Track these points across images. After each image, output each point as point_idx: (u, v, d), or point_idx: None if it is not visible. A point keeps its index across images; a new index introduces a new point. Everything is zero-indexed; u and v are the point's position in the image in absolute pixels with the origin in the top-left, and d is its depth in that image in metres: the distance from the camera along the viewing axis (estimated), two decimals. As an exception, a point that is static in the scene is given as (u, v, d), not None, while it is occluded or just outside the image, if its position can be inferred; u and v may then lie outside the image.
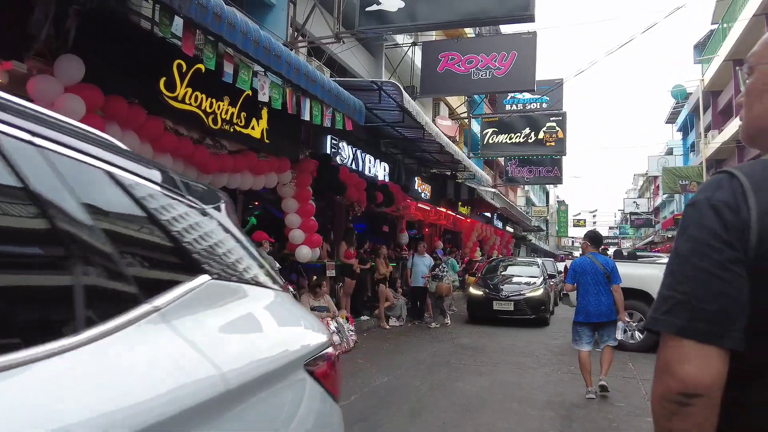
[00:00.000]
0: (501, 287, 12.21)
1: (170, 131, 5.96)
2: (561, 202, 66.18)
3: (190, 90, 6.08)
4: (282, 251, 8.85)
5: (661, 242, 36.70)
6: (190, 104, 6.13)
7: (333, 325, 8.07)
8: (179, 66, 5.88)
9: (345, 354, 8.02)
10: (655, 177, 50.67)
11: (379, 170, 11.76)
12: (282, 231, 9.28)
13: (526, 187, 41.02)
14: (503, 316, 11.72)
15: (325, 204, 11.26)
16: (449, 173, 16.82)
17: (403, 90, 8.19)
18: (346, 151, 10.34)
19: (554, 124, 17.90)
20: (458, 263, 15.45)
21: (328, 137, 9.74)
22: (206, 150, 6.42)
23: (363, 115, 8.00)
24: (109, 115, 5.14)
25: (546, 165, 24.85)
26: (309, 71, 6.46)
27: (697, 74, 34.26)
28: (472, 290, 12.44)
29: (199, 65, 6.01)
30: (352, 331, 8.63)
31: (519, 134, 17.84)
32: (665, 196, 43.02)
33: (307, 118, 6.74)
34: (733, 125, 21.54)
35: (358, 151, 10.86)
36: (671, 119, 40.87)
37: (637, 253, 13.82)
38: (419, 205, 14.96)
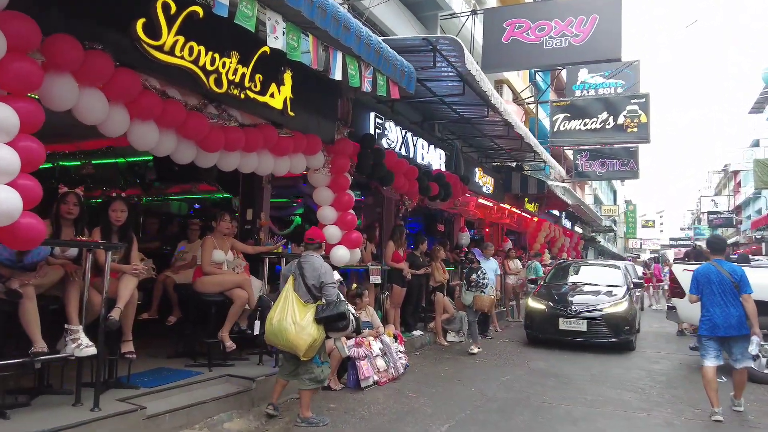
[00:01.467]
0: (570, 299, 9.35)
1: (153, 91, 4.46)
2: (628, 202, 62.19)
3: (181, 39, 4.53)
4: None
5: (747, 243, 33.03)
6: (182, 57, 4.59)
7: (377, 346, 6.39)
8: (165, 5, 4.36)
9: (392, 383, 6.33)
10: (736, 172, 46.41)
11: (434, 158, 10.01)
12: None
13: (594, 185, 38.12)
14: (572, 338, 8.95)
15: (369, 197, 9.63)
16: (514, 164, 14.86)
17: (464, 48, 6.42)
18: (394, 133, 8.66)
19: (636, 107, 15.55)
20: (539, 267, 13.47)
21: (372, 115, 8.09)
22: (204, 119, 4.89)
23: (413, 81, 6.29)
24: (54, 61, 3.66)
25: (621, 157, 22.25)
26: (340, 14, 4.82)
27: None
28: (531, 303, 9.76)
29: (195, 7, 4.50)
30: (401, 352, 6.93)
31: (595, 119, 15.60)
32: (752, 193, 39.06)
33: (338, 76, 5.10)
34: None
35: (409, 135, 9.15)
36: (757, 108, 36.94)
37: (750, 258, 11.43)
38: (480, 200, 13.09)
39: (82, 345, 3.88)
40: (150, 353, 5.77)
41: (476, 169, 12.63)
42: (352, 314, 5.00)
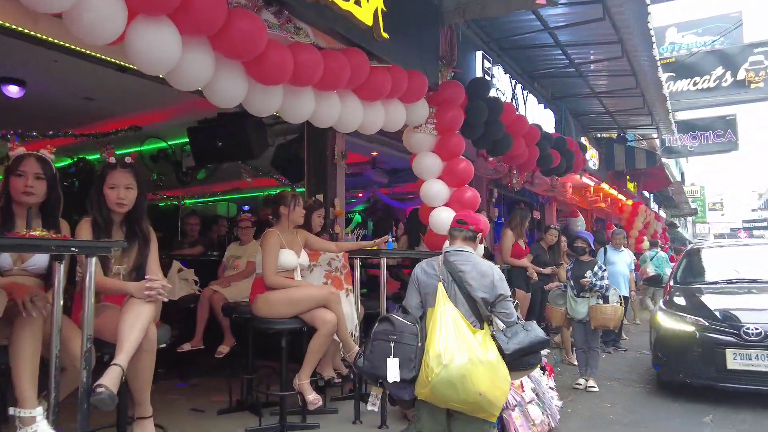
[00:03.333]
0: (740, 313, 5.26)
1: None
2: (693, 183, 57.70)
3: None
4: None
5: None
6: None
7: (528, 387, 4.22)
8: None
9: (551, 439, 4.17)
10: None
11: (544, 120, 7.74)
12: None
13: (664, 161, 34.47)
14: (756, 385, 4.97)
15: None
16: (617, 135, 12.41)
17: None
18: (504, 82, 6.46)
19: (761, 57, 12.83)
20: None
21: (478, 55, 5.93)
22: (257, 19, 2.85)
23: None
24: None
25: (717, 128, 19.33)
26: None
27: None
28: (666, 321, 5.65)
29: None
30: (551, 389, 4.74)
31: (707, 77, 12.97)
32: None
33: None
34: None
35: (519, 86, 6.93)
36: None
37: None
38: (584, 178, 10.72)
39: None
40: (193, 406, 3.83)
41: (581, 138, 10.27)
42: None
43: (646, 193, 19.36)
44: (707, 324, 5.21)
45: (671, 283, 6.67)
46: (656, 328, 5.80)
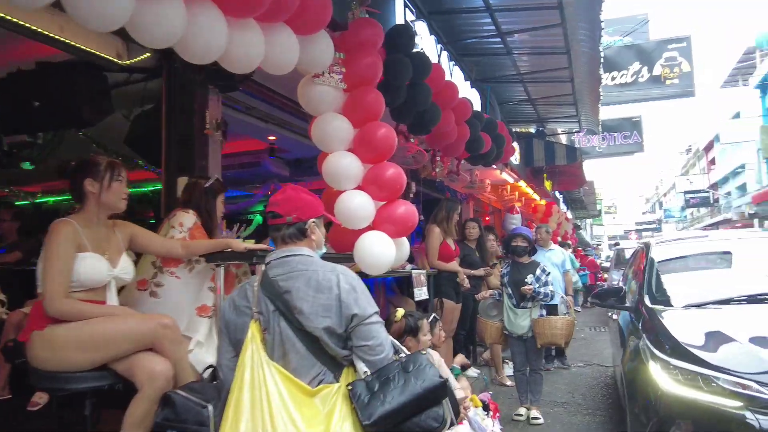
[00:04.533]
0: None
1: None
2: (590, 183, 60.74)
3: None
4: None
5: (738, 220, 31.26)
6: None
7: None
8: None
9: None
10: (707, 150, 45.22)
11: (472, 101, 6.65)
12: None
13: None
14: None
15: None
16: (535, 130, 11.75)
17: None
18: (429, 44, 5.26)
19: (675, 53, 12.70)
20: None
21: (398, 3, 4.67)
22: None
23: None
24: None
25: (624, 129, 19.65)
26: None
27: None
28: (673, 385, 2.69)
29: None
30: (499, 434, 3.54)
31: (625, 72, 12.66)
32: (732, 170, 37.72)
33: None
34: None
35: (445, 54, 5.77)
36: (731, 83, 35.35)
37: None
38: (504, 174, 9.83)
39: None
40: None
41: (504, 130, 9.38)
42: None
43: (557, 194, 19.25)
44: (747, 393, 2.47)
45: (646, 303, 3.58)
46: (648, 396, 2.86)
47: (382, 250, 3.10)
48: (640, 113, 20.32)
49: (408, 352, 2.08)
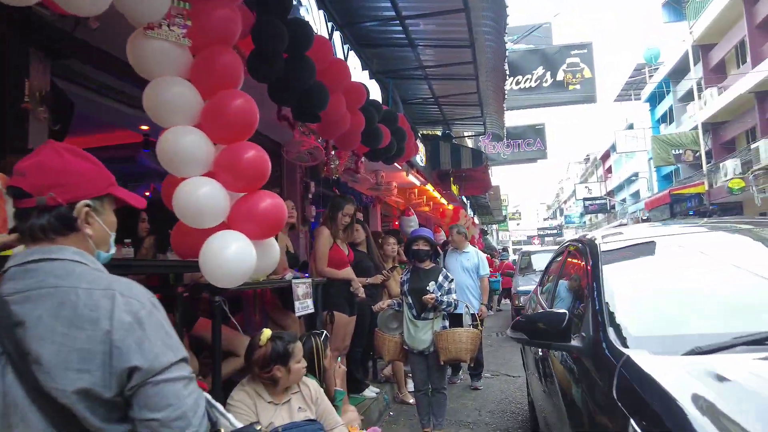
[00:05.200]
0: None
1: None
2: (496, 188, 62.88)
3: None
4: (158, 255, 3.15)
5: (635, 224, 33.25)
6: None
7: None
8: None
9: None
10: (604, 159, 48.08)
11: (369, 85, 6.07)
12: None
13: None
14: None
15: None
16: (441, 132, 11.45)
17: None
18: (318, 20, 4.60)
19: (577, 59, 12.91)
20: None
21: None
22: None
23: None
24: None
25: (528, 137, 20.09)
26: None
27: (671, 34, 31.36)
28: None
29: None
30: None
31: (530, 76, 12.69)
32: (627, 177, 40.26)
33: None
34: (753, 76, 17.63)
35: (337, 35, 5.14)
36: (623, 96, 37.70)
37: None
38: (411, 176, 9.37)
39: None
40: None
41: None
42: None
43: (464, 199, 19.26)
44: None
45: (616, 347, 1.92)
46: None
47: (236, 256, 2.38)
48: (544, 121, 20.86)
49: (235, 423, 1.38)
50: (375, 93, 6.47)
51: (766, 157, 15.42)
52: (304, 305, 3.65)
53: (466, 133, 12.01)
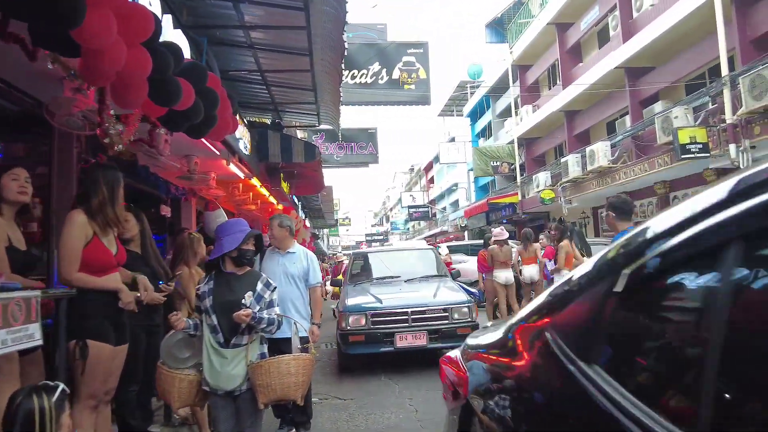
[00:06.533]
0: None
1: None
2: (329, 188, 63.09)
3: None
4: None
5: (453, 231, 34.99)
6: None
7: None
8: None
9: None
10: (428, 170, 50.45)
11: (177, 42, 4.61)
12: None
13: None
14: None
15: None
16: (270, 121, 10.19)
17: None
18: None
19: (413, 58, 12.51)
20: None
21: None
22: None
23: None
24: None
25: (360, 140, 19.69)
26: None
27: (493, 53, 33.72)
28: None
29: None
30: None
31: (366, 71, 11.98)
32: (448, 187, 42.39)
33: None
34: (563, 96, 19.26)
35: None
36: (446, 112, 39.81)
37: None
38: (233, 166, 7.94)
39: None
40: None
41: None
42: None
43: (295, 199, 18.16)
44: None
45: None
46: None
47: None
48: (376, 126, 20.66)
49: None
50: (183, 47, 5.01)
51: (573, 170, 16.69)
52: (20, 335, 2.20)
53: (297, 123, 10.88)
